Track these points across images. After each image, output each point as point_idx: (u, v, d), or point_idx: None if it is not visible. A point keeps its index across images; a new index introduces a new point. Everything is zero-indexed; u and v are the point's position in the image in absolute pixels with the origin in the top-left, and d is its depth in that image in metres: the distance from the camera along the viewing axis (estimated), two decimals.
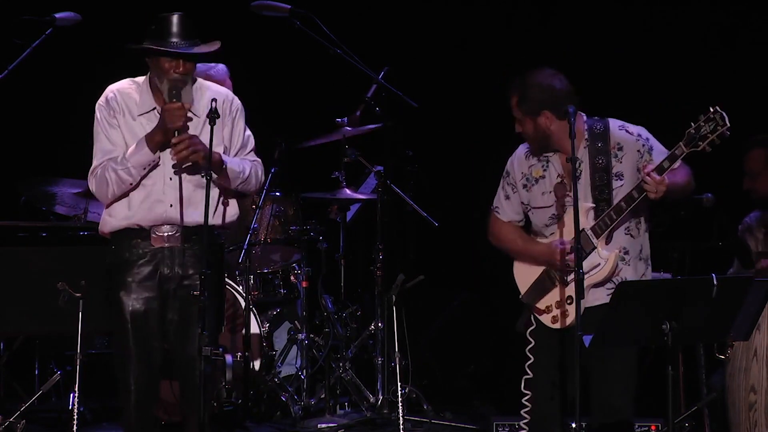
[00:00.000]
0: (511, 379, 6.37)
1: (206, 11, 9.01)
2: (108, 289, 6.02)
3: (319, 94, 9.29)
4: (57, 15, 7.01)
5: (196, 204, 5.95)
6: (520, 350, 6.27)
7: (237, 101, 6.14)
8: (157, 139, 5.91)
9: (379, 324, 8.25)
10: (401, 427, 6.99)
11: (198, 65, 7.34)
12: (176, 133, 5.88)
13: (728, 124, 5.78)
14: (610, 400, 6.00)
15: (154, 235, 5.97)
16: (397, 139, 8.43)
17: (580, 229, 5.95)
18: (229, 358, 7.56)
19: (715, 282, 5.38)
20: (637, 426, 7.36)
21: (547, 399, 6.09)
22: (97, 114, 6.06)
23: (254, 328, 7.92)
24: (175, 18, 5.94)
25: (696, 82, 8.77)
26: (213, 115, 5.83)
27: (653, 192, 5.84)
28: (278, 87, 9.48)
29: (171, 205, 5.97)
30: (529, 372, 6.14)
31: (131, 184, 5.96)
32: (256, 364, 7.88)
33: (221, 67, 7.87)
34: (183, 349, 5.92)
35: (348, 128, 8.44)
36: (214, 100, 5.89)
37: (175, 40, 5.91)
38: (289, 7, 7.79)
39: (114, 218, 6.02)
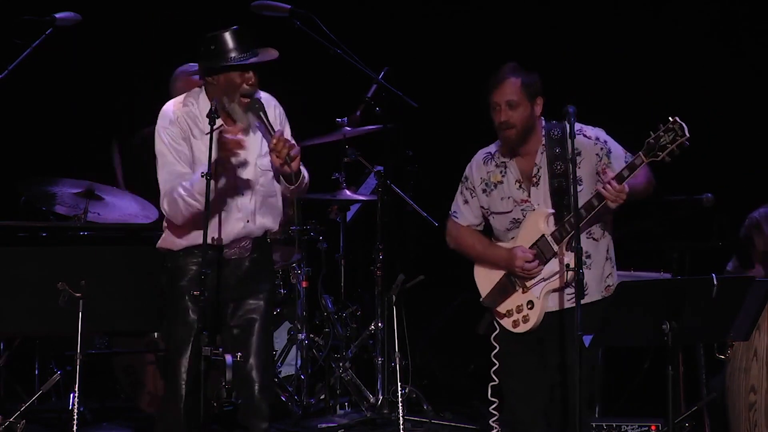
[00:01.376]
0: None
1: (206, 12, 9.04)
2: (168, 296, 5.98)
3: (319, 94, 9.29)
4: (57, 15, 7.00)
5: (264, 213, 5.98)
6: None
7: (280, 107, 6.14)
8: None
9: (379, 324, 8.25)
10: (401, 427, 6.99)
11: (185, 67, 7.36)
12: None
13: (687, 135, 5.78)
14: (566, 400, 5.99)
15: (227, 250, 5.94)
16: (397, 139, 8.43)
17: (541, 235, 5.99)
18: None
19: (715, 282, 5.38)
20: (637, 426, 7.36)
21: (515, 403, 6.10)
22: (163, 136, 5.94)
23: None
24: (230, 33, 5.91)
25: (696, 84, 8.78)
26: (213, 116, 5.82)
27: (613, 200, 5.85)
28: (278, 87, 9.46)
29: (248, 221, 5.96)
30: (495, 378, 6.15)
31: (199, 209, 5.82)
32: None
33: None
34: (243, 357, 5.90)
35: (348, 128, 8.44)
36: (214, 100, 5.87)
37: (233, 54, 5.88)
38: (289, 7, 7.78)
39: (185, 239, 5.93)
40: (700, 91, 8.67)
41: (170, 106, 6.01)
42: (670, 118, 5.81)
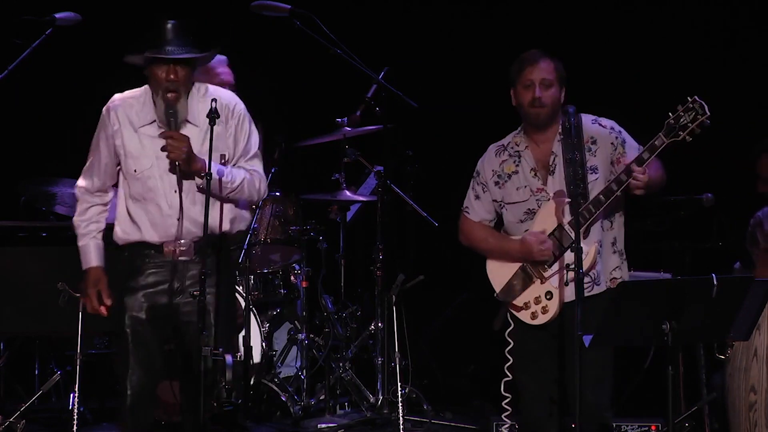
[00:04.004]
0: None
1: (207, 11, 9.04)
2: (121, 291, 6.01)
3: (319, 94, 9.29)
4: (57, 15, 7.00)
5: (198, 212, 5.88)
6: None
7: (239, 106, 6.04)
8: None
9: (379, 324, 8.25)
10: (401, 427, 6.99)
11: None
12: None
13: (708, 113, 5.82)
14: (587, 398, 5.97)
15: (166, 249, 5.94)
16: (397, 139, 8.43)
17: (558, 224, 5.99)
18: (229, 358, 7.55)
19: (715, 282, 5.38)
20: (637, 426, 7.37)
21: (531, 400, 6.09)
22: (99, 124, 6.04)
23: (254, 329, 7.92)
24: (168, 25, 5.87)
25: (696, 83, 8.77)
26: (212, 115, 5.81)
27: (638, 188, 5.86)
28: (278, 87, 9.48)
29: (178, 219, 5.94)
30: (508, 374, 6.14)
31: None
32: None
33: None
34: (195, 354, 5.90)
35: (348, 128, 8.44)
36: (214, 99, 5.85)
37: (170, 47, 5.83)
38: (289, 7, 7.78)
39: (127, 234, 5.97)
40: (700, 91, 8.66)
41: (117, 95, 6.03)
42: (689, 98, 5.84)
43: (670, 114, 5.85)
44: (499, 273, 6.18)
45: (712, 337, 6.12)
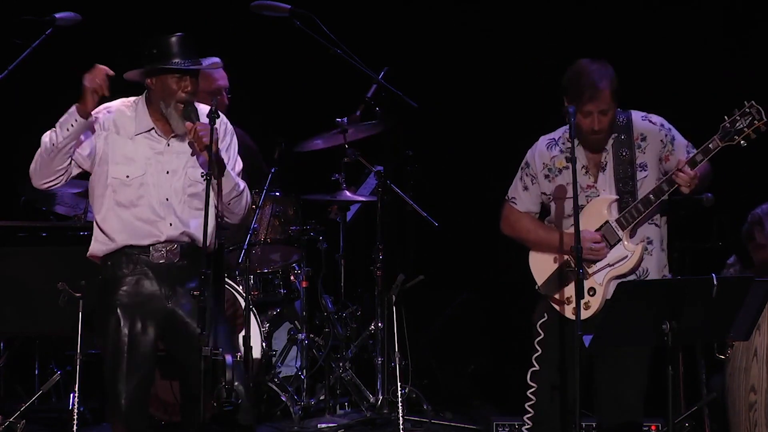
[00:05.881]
0: (511, 379, 6.37)
1: (206, 11, 9.04)
2: (102, 303, 6.00)
3: (319, 94, 9.29)
4: (57, 15, 7.01)
5: (188, 222, 5.97)
6: (520, 350, 6.25)
7: (229, 124, 6.14)
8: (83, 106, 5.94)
9: (379, 324, 8.25)
10: (401, 427, 6.99)
11: None
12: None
13: (765, 119, 5.85)
14: (623, 399, 5.98)
15: (153, 252, 5.96)
16: (397, 139, 8.43)
17: (605, 221, 6.01)
18: (229, 358, 7.54)
19: (715, 282, 5.38)
20: None
21: (553, 393, 6.08)
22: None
23: (254, 329, 7.92)
24: (174, 39, 5.92)
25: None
26: (213, 115, 5.83)
27: (686, 186, 5.88)
28: (278, 87, 9.48)
29: (171, 224, 5.96)
30: (536, 364, 6.13)
31: (53, 145, 6.00)
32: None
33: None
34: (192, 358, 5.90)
35: (348, 128, 8.43)
36: (214, 100, 5.90)
37: (177, 60, 5.90)
38: (289, 7, 7.79)
39: (113, 241, 5.97)
40: (700, 91, 8.67)
41: (105, 105, 6.05)
42: (746, 102, 5.88)
43: (726, 117, 5.88)
44: (543, 266, 6.16)
45: (712, 337, 6.12)
